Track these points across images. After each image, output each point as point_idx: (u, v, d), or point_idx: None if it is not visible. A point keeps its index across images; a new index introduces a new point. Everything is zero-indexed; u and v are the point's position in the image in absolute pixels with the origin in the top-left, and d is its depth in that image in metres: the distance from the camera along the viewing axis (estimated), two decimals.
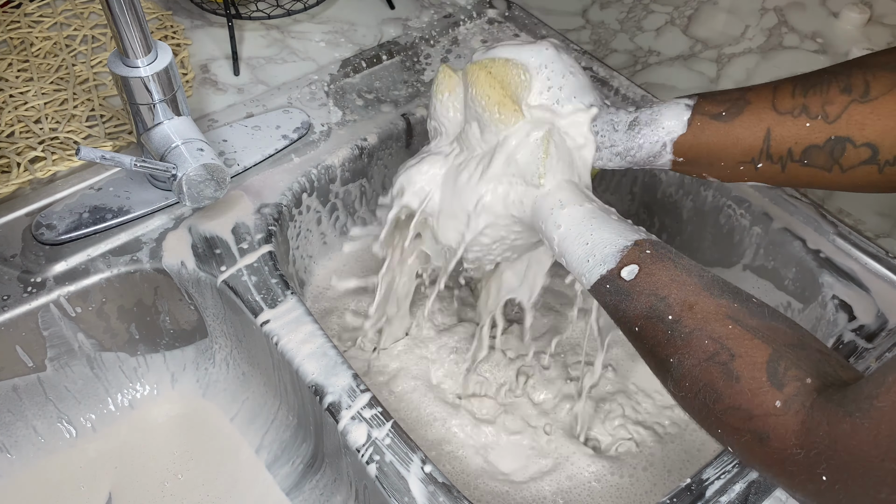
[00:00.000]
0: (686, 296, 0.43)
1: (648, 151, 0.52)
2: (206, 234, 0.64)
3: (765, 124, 0.49)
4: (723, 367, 0.40)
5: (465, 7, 0.85)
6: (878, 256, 0.63)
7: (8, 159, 0.67)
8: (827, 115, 0.47)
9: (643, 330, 0.44)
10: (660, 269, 0.45)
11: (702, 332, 0.42)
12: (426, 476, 0.51)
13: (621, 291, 0.46)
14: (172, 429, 0.66)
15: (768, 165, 0.50)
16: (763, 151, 0.49)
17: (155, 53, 0.58)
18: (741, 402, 0.39)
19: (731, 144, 0.50)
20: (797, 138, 0.48)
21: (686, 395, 0.42)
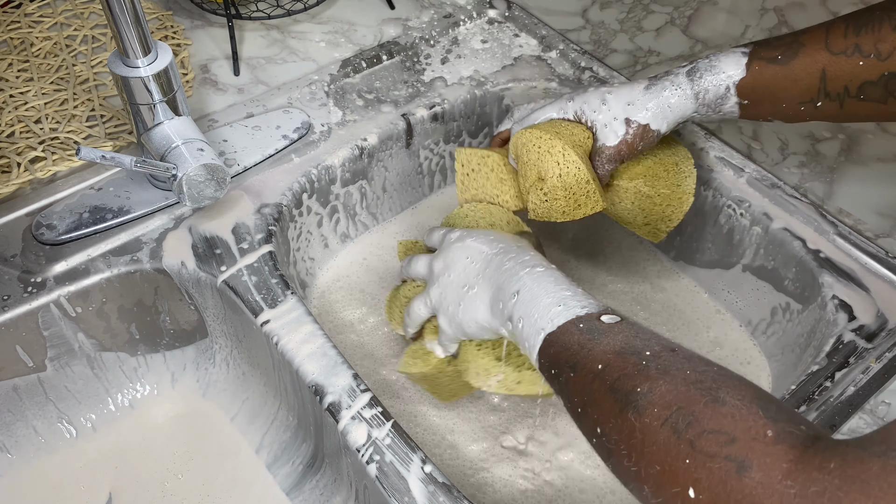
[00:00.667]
0: (669, 343, 0.42)
1: (715, 94, 0.55)
2: (206, 234, 0.64)
3: (819, 65, 0.51)
4: (707, 392, 0.36)
5: (465, 7, 0.85)
6: (878, 256, 0.63)
7: (8, 159, 0.67)
8: (880, 53, 0.49)
9: (608, 365, 0.41)
10: (642, 329, 0.43)
11: (682, 367, 0.39)
12: (426, 476, 0.51)
13: (595, 330, 0.43)
14: (172, 429, 0.66)
15: (827, 103, 0.52)
16: (821, 90, 0.52)
17: (155, 53, 0.58)
18: (724, 425, 0.35)
19: (791, 85, 0.53)
20: (852, 76, 0.50)
21: (650, 424, 0.37)
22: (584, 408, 0.42)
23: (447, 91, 0.76)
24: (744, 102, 0.55)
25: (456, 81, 0.77)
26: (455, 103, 0.76)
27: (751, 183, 0.68)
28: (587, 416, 0.41)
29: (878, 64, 0.49)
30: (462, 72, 0.78)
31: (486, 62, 0.79)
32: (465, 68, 0.79)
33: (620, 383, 0.39)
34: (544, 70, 0.78)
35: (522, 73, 0.78)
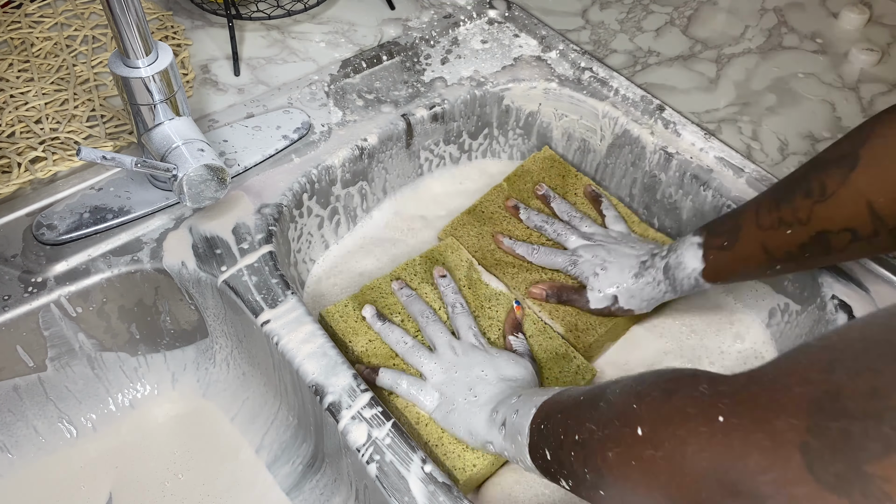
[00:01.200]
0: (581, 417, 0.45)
1: (688, 284, 0.61)
2: (206, 234, 0.64)
3: (758, 241, 0.56)
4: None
5: (465, 7, 0.85)
6: (878, 256, 0.63)
7: (8, 159, 0.67)
8: (800, 221, 0.54)
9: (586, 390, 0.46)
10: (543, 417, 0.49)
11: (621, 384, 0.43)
12: (426, 476, 0.51)
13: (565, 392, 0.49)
14: (173, 429, 0.66)
15: (786, 264, 0.56)
16: (771, 258, 0.56)
17: (155, 54, 0.58)
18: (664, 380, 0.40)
19: (744, 264, 0.58)
20: (788, 244, 0.55)
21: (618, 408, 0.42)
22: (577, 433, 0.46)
23: (447, 91, 0.76)
24: (715, 283, 0.60)
25: (456, 81, 0.77)
26: (455, 103, 0.76)
27: (751, 183, 0.68)
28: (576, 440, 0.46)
29: (802, 229, 0.54)
30: (462, 72, 0.78)
31: (486, 62, 0.79)
32: (465, 68, 0.79)
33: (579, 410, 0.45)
34: (544, 70, 0.79)
35: (522, 73, 0.78)
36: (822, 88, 0.77)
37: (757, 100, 0.76)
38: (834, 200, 0.52)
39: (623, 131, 0.74)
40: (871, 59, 0.79)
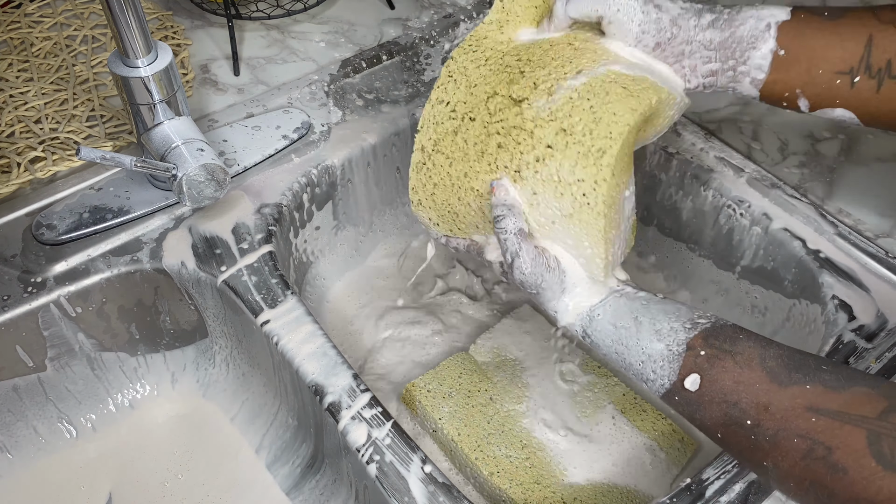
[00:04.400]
0: (757, 396, 0.42)
1: (752, 28, 0.49)
2: (206, 234, 0.64)
3: (867, 30, 0.47)
4: (823, 461, 0.39)
5: (465, 7, 0.85)
6: (878, 256, 0.63)
7: (8, 159, 0.67)
8: None
9: (725, 437, 0.43)
10: (720, 371, 0.43)
11: (787, 432, 0.40)
12: (426, 476, 0.51)
13: (691, 403, 0.44)
14: (172, 429, 0.66)
15: (865, 80, 0.48)
16: (863, 59, 0.47)
17: (155, 53, 0.58)
18: (858, 492, 0.37)
19: (834, 44, 0.48)
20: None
21: (796, 493, 0.41)
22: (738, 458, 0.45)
23: None
24: (780, 52, 0.49)
25: None
26: None
27: (751, 183, 0.68)
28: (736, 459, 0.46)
29: None
30: None
31: None
32: None
33: (746, 455, 0.43)
34: None
35: None
36: None
37: None
38: None
39: None
40: None
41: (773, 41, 0.49)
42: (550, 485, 0.59)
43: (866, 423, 0.38)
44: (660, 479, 0.61)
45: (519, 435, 0.62)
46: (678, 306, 0.47)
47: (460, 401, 0.64)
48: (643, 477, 0.60)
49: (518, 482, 0.59)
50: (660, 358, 0.46)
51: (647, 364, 0.46)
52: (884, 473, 0.37)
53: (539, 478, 0.60)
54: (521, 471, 0.60)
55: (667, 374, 0.45)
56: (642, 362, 0.46)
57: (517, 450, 0.61)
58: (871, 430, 0.38)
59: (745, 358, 0.43)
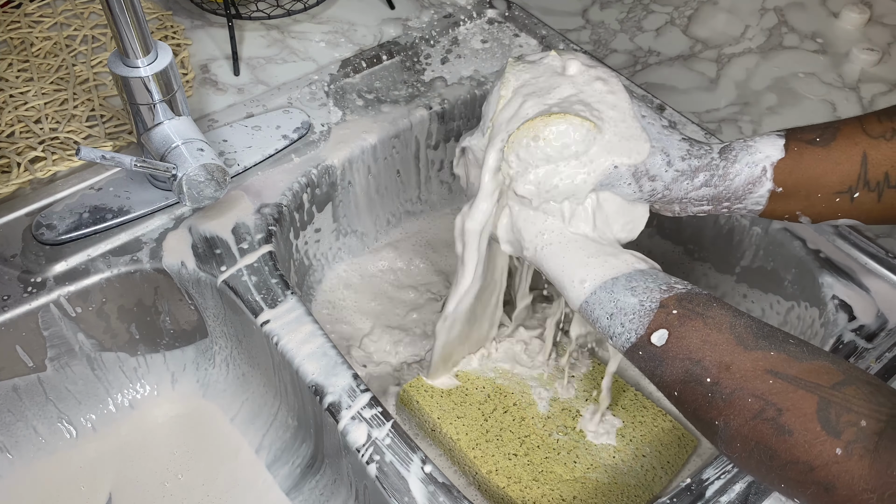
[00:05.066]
0: (720, 356, 0.42)
1: (747, 177, 0.49)
2: (206, 234, 0.64)
3: (860, 148, 0.48)
4: (772, 422, 0.39)
5: (465, 7, 0.85)
6: (878, 256, 0.63)
7: (8, 159, 0.67)
8: None
9: (682, 394, 0.44)
10: (689, 330, 0.44)
11: (743, 391, 0.41)
12: (426, 476, 0.51)
13: (654, 358, 0.45)
14: (172, 429, 0.66)
15: (865, 194, 0.48)
16: (861, 177, 0.48)
17: (155, 53, 0.58)
18: (798, 455, 0.39)
19: (830, 170, 0.48)
20: (893, 161, 0.47)
21: (740, 455, 0.42)
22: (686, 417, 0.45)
23: (447, 91, 0.76)
24: (777, 190, 0.49)
25: (456, 81, 0.77)
26: (455, 103, 0.76)
27: None
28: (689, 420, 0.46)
29: None
30: (462, 72, 0.78)
31: (486, 62, 0.79)
32: (465, 68, 0.79)
33: (699, 413, 0.43)
34: None
35: None
36: (822, 88, 0.77)
37: (757, 99, 0.76)
38: None
39: None
40: (872, 58, 0.79)
41: (770, 182, 0.50)
42: (549, 482, 0.59)
43: (820, 390, 0.39)
44: (659, 476, 0.61)
45: (517, 433, 0.62)
46: (657, 273, 0.48)
47: (458, 399, 0.64)
48: (642, 474, 0.60)
49: (516, 480, 0.59)
50: (631, 311, 0.46)
51: (617, 317, 0.46)
52: (825, 438, 0.38)
53: (538, 475, 0.60)
54: (519, 468, 0.60)
55: (635, 329, 0.45)
56: (611, 315, 0.46)
57: (515, 447, 0.61)
58: (822, 396, 0.39)
59: (716, 322, 0.44)
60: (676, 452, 0.62)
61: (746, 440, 0.41)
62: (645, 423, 0.63)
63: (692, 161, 0.50)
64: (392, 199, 0.78)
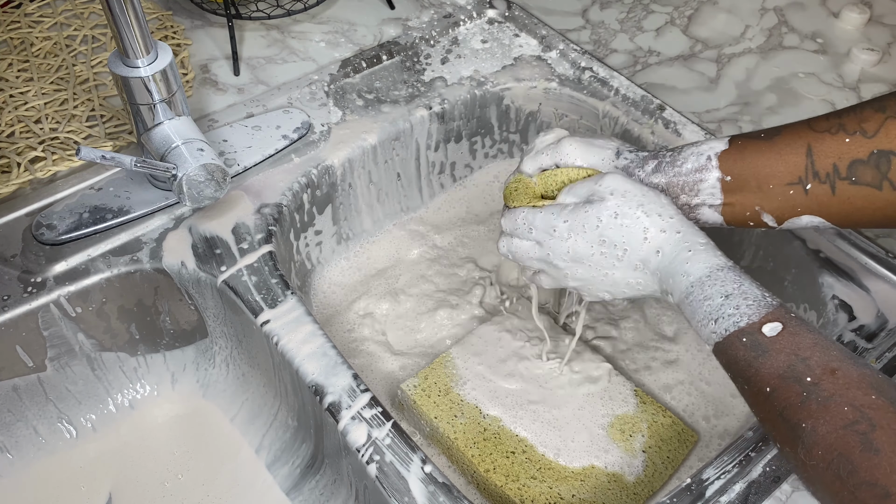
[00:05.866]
0: (829, 360, 0.42)
1: (694, 165, 0.52)
2: (206, 234, 0.64)
3: (804, 141, 0.49)
4: (862, 437, 0.39)
5: (465, 7, 0.85)
6: (878, 256, 0.62)
7: (8, 159, 0.67)
8: (865, 131, 0.47)
9: (776, 391, 0.43)
10: (803, 331, 0.44)
11: (842, 399, 0.40)
12: (426, 476, 0.51)
13: (759, 347, 0.44)
14: (172, 429, 0.66)
15: (817, 185, 0.49)
16: (808, 168, 0.49)
17: (155, 53, 0.58)
18: (878, 477, 0.37)
19: (775, 159, 0.50)
20: (839, 153, 0.48)
21: (817, 465, 0.40)
22: (764, 421, 0.45)
23: (447, 91, 0.76)
24: (726, 178, 0.51)
25: (456, 81, 0.77)
26: (455, 103, 0.76)
27: None
28: (766, 426, 0.45)
29: (864, 141, 0.47)
30: (462, 72, 0.78)
31: (486, 62, 0.79)
32: (465, 68, 0.79)
33: (788, 413, 0.42)
34: (544, 70, 0.78)
35: (522, 73, 0.78)
36: (822, 88, 0.77)
37: (757, 99, 0.76)
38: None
39: (623, 131, 0.74)
40: (872, 58, 0.79)
41: (717, 171, 0.51)
42: (547, 480, 0.59)
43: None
44: (659, 472, 0.61)
45: (515, 430, 0.62)
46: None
47: (455, 398, 0.64)
48: (643, 471, 0.60)
49: (514, 478, 0.59)
50: (752, 298, 0.46)
51: (734, 298, 0.46)
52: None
53: (536, 473, 0.60)
54: (517, 466, 0.60)
55: (748, 314, 0.45)
56: (727, 295, 0.46)
57: (514, 445, 0.61)
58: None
59: (829, 338, 0.44)
60: (677, 448, 0.62)
61: (830, 449, 0.40)
62: (645, 418, 0.63)
63: (641, 153, 0.54)
64: (392, 202, 0.78)
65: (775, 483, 0.51)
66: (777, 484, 0.51)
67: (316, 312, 0.71)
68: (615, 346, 0.70)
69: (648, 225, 0.50)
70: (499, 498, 0.60)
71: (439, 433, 0.62)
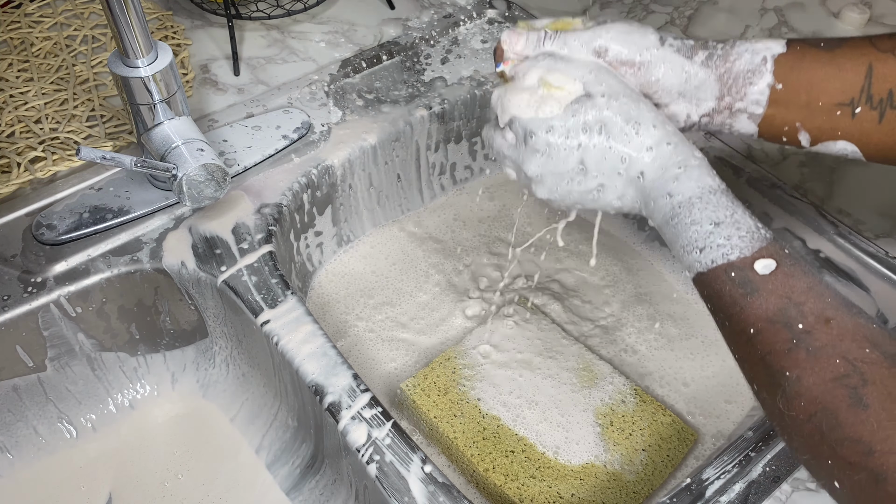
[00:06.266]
0: (824, 308, 0.39)
1: (747, 63, 0.47)
2: (206, 234, 0.64)
3: (866, 59, 0.46)
4: (851, 391, 0.36)
5: (465, 7, 0.85)
6: (878, 256, 0.63)
7: (8, 159, 0.67)
8: None
9: (761, 333, 0.39)
10: (799, 273, 0.40)
11: (834, 350, 0.37)
12: (426, 476, 0.51)
13: (748, 284, 0.40)
14: (172, 429, 0.66)
15: (867, 111, 0.46)
16: (864, 90, 0.45)
17: (155, 53, 0.58)
18: (863, 433, 0.35)
19: (833, 75, 0.46)
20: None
21: (797, 416, 0.38)
22: (742, 361, 0.41)
23: (447, 91, 0.76)
24: (777, 86, 0.47)
25: (456, 81, 0.77)
26: (455, 103, 0.76)
27: (751, 183, 0.68)
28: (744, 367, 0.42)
29: None
30: (462, 72, 0.78)
31: (486, 62, 0.79)
32: (465, 68, 0.79)
33: (771, 359, 0.39)
34: None
35: None
36: None
37: None
38: None
39: None
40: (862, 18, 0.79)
41: (770, 75, 0.47)
42: (546, 479, 0.59)
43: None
44: (659, 470, 0.61)
45: (514, 430, 0.62)
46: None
47: (455, 398, 0.64)
48: (642, 470, 0.60)
49: (513, 477, 0.59)
50: (746, 229, 0.41)
51: (725, 227, 0.41)
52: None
53: (535, 472, 0.60)
54: (516, 466, 0.60)
55: (740, 247, 0.41)
56: (717, 223, 0.41)
57: (513, 444, 0.61)
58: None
59: (825, 281, 0.41)
60: (676, 446, 0.62)
61: (814, 401, 0.37)
62: (644, 417, 0.63)
63: (688, 41, 0.48)
64: (393, 204, 0.78)
65: (775, 483, 0.51)
66: (777, 484, 0.51)
67: (316, 313, 0.71)
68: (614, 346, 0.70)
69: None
70: (498, 497, 0.60)
71: (439, 433, 0.62)
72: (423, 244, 0.78)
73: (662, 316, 0.72)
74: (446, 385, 0.64)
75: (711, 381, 0.67)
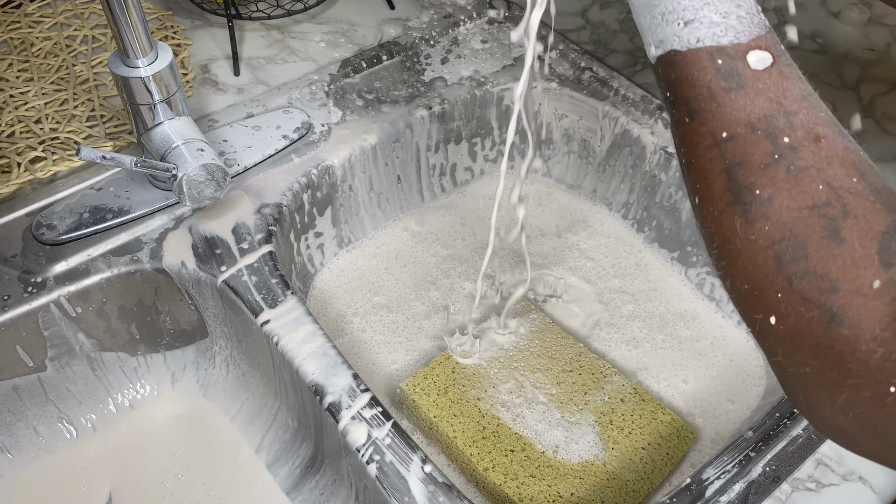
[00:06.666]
0: (815, 123, 0.33)
1: None
2: (206, 234, 0.64)
3: None
4: (829, 221, 0.31)
5: (465, 7, 0.85)
6: None
7: (8, 159, 0.67)
8: None
9: (735, 140, 0.33)
10: (794, 75, 0.34)
11: (819, 174, 0.32)
12: (426, 476, 0.51)
13: (736, 77, 0.33)
14: (172, 429, 0.66)
15: None
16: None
17: (155, 53, 0.58)
18: (830, 269, 0.31)
19: None
20: None
21: (755, 241, 0.32)
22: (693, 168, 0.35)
23: (447, 91, 0.76)
24: None
25: (456, 81, 0.77)
26: (455, 104, 0.76)
27: None
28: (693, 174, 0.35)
29: None
30: (462, 72, 0.78)
31: (486, 62, 0.79)
32: (465, 68, 0.79)
33: (740, 171, 0.33)
34: (544, 70, 0.78)
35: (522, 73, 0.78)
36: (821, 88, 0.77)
37: None
38: None
39: (623, 131, 0.74)
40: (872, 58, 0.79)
41: None
42: (546, 478, 0.59)
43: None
44: (658, 468, 0.61)
45: (514, 429, 0.62)
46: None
47: (454, 397, 0.64)
48: (641, 468, 0.60)
49: (513, 477, 0.59)
50: (746, 11, 0.34)
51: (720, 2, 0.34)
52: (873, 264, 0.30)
53: (535, 472, 0.60)
54: (515, 465, 0.60)
55: (736, 30, 0.33)
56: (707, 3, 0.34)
57: (513, 444, 0.61)
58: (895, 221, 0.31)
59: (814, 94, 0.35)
60: (676, 445, 0.62)
61: (782, 227, 0.32)
62: (644, 416, 0.63)
63: None
64: (393, 205, 0.78)
65: (775, 483, 0.51)
66: (777, 484, 0.51)
67: (316, 313, 0.71)
68: (614, 345, 0.70)
69: None
70: (498, 496, 0.60)
71: (438, 432, 0.62)
72: (425, 244, 0.78)
73: (662, 315, 0.72)
74: (446, 384, 0.64)
75: (714, 380, 0.67)
